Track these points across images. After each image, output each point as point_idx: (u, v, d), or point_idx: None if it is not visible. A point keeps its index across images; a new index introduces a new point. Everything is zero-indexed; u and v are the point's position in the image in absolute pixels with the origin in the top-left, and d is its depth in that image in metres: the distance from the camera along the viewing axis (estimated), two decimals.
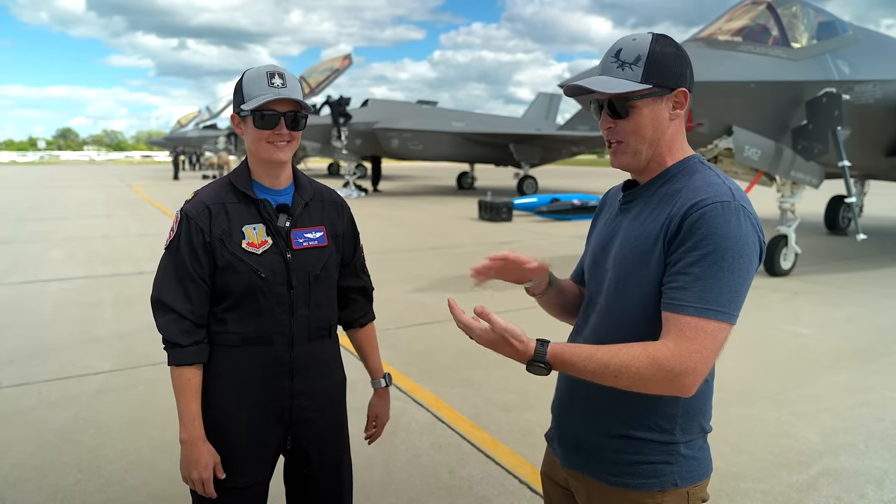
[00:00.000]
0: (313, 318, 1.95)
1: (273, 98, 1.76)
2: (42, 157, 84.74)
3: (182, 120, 51.86)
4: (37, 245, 11.33)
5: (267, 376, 1.90)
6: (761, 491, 3.30)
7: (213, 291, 1.88)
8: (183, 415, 1.85)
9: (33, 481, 3.37)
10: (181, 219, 1.86)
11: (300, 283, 1.90)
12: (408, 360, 5.27)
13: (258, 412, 1.91)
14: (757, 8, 8.28)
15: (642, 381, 1.34)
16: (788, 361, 5.35)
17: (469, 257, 10.18)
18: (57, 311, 6.86)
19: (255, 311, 1.86)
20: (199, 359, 1.86)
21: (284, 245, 1.88)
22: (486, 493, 3.26)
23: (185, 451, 1.86)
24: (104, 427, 4.01)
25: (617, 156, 1.53)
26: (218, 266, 1.84)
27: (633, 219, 1.53)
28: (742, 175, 8.81)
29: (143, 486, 3.33)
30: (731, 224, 1.35)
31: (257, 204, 1.88)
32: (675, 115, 1.49)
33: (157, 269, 1.89)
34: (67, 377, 4.84)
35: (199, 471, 1.84)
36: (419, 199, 22.38)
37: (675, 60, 1.46)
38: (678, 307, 1.36)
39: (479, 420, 4.11)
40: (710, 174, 1.47)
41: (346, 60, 22.58)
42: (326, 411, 2.04)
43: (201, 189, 1.93)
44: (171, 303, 1.83)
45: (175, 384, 1.85)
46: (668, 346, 1.34)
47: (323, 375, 2.02)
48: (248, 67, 1.88)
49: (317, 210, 1.99)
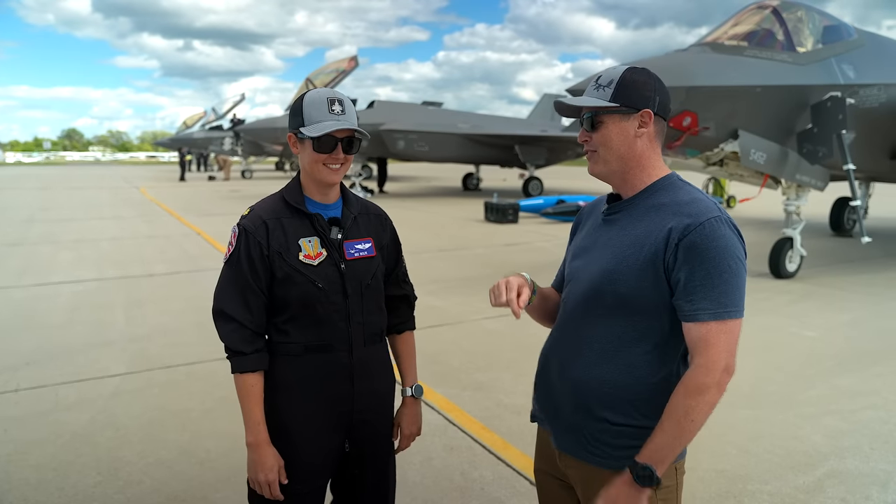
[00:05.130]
0: (367, 325, 2.06)
1: (335, 128, 1.88)
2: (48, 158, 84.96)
3: (188, 121, 51.90)
4: (47, 247, 11.43)
5: (330, 382, 2.00)
6: (768, 493, 3.36)
7: (271, 303, 1.97)
8: (248, 419, 1.95)
9: (54, 483, 3.44)
10: (239, 233, 1.96)
11: (354, 291, 2.01)
12: (419, 363, 5.27)
13: (323, 417, 2.00)
14: (762, 12, 8.32)
15: (705, 407, 1.55)
16: (794, 364, 5.40)
17: (476, 259, 10.26)
18: (70, 313, 6.95)
19: (315, 320, 1.96)
20: (260, 366, 1.96)
21: (338, 256, 1.99)
22: (499, 495, 3.33)
23: (251, 455, 1.95)
24: (121, 429, 4.09)
25: (591, 163, 1.77)
26: (276, 278, 1.94)
27: (620, 230, 1.72)
28: (748, 178, 8.86)
29: (163, 488, 3.40)
30: (726, 236, 1.58)
31: (311, 218, 1.98)
32: (640, 134, 1.69)
33: (218, 282, 1.99)
34: (83, 379, 4.93)
35: (265, 473, 1.93)
36: (425, 201, 22.44)
37: (644, 86, 1.68)
38: (699, 315, 1.56)
39: (490, 422, 4.18)
40: (694, 190, 1.69)
41: (352, 62, 22.61)
42: (382, 411, 2.15)
43: (256, 204, 2.04)
44: (232, 313, 1.92)
45: (239, 391, 1.95)
46: (696, 364, 1.56)
47: (379, 378, 2.12)
48: (308, 90, 1.99)
49: (364, 223, 2.10)
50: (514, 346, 5.74)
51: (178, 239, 12.46)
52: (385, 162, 26.74)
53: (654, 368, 1.65)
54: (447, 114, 27.29)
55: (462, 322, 6.63)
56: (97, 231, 13.59)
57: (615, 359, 1.67)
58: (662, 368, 1.65)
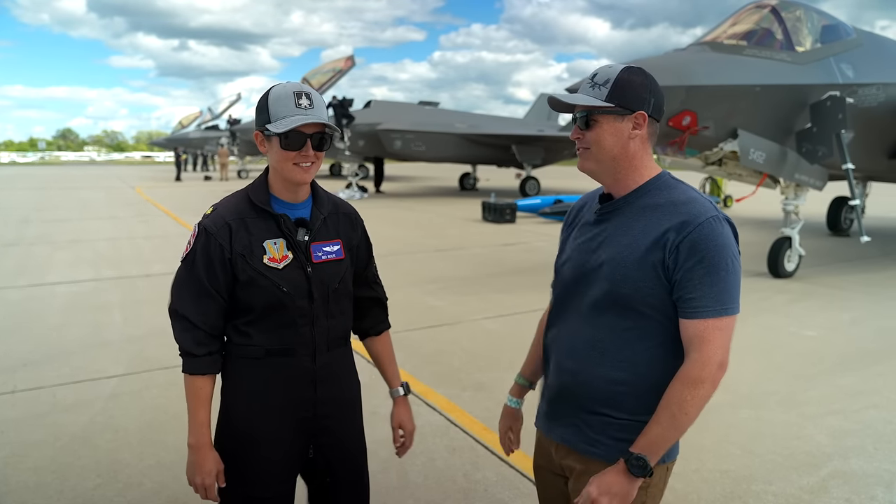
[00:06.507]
0: (332, 329, 1.99)
1: (302, 122, 1.78)
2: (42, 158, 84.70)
3: (183, 121, 51.86)
4: (42, 247, 11.37)
5: (291, 387, 1.94)
6: (772, 493, 3.34)
7: (233, 305, 1.91)
8: (192, 420, 1.90)
9: (53, 486, 3.41)
10: (199, 233, 1.89)
11: (320, 295, 1.94)
12: (419, 363, 5.31)
13: (282, 423, 1.95)
14: (761, 12, 8.32)
15: (698, 401, 1.59)
16: (795, 363, 5.39)
17: (474, 259, 10.24)
18: (66, 314, 6.91)
19: (278, 323, 1.90)
20: (211, 369, 1.91)
21: (304, 259, 1.92)
22: (502, 497, 3.31)
23: (191, 457, 1.92)
24: (120, 431, 4.05)
25: (582, 160, 1.76)
26: (239, 281, 1.88)
27: (615, 229, 1.72)
28: (746, 178, 8.85)
29: (163, 490, 3.37)
30: (723, 234, 1.60)
31: (277, 219, 1.90)
32: (634, 135, 1.68)
33: (174, 280, 1.94)
34: (81, 381, 4.89)
35: (202, 476, 1.90)
36: (422, 201, 22.41)
37: (640, 87, 1.67)
38: (700, 313, 1.59)
39: (492, 423, 4.14)
40: (688, 189, 1.69)
41: (348, 62, 22.56)
42: (346, 418, 2.09)
43: (219, 203, 1.96)
44: (185, 313, 1.87)
45: (187, 391, 1.91)
46: (692, 359, 1.60)
47: (342, 383, 2.07)
48: (275, 84, 1.89)
49: (333, 223, 2.02)
50: (515, 346, 5.70)
51: (174, 239, 12.41)
52: (382, 162, 26.70)
53: (658, 366, 1.66)
54: (444, 114, 27.30)
55: (461, 322, 6.61)
56: (93, 231, 13.53)
57: (618, 356, 1.68)
58: (664, 365, 1.65)
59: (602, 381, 1.69)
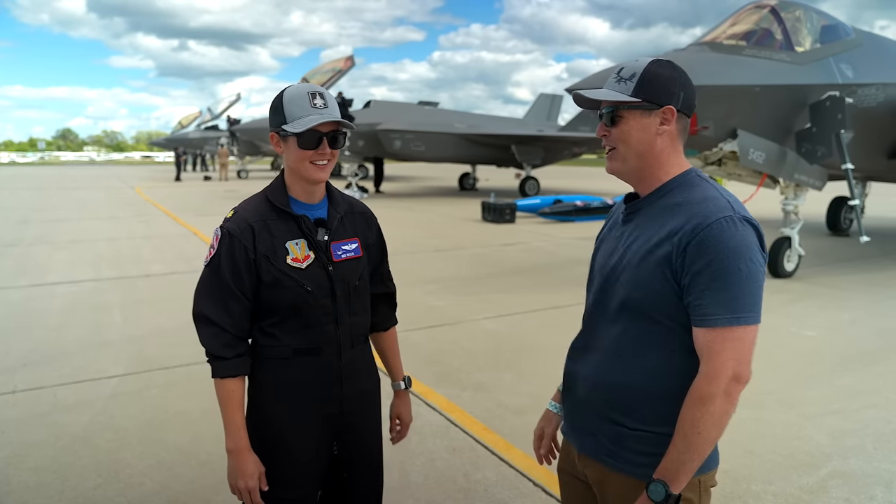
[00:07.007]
0: (355, 326, 2.04)
1: (320, 121, 1.82)
2: (42, 158, 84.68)
3: (183, 121, 51.86)
4: (42, 247, 11.37)
5: (318, 385, 1.97)
6: (772, 493, 3.35)
7: (257, 306, 1.93)
8: (228, 425, 1.90)
9: (54, 486, 3.41)
10: (222, 236, 1.91)
11: (342, 293, 1.98)
12: (419, 363, 5.31)
13: (312, 421, 1.97)
14: (761, 12, 8.32)
15: (711, 418, 1.48)
16: (794, 363, 5.39)
17: (474, 259, 10.24)
18: (66, 314, 6.91)
19: (304, 323, 1.93)
20: (241, 371, 1.92)
21: (326, 258, 1.95)
22: (502, 497, 3.31)
23: (231, 461, 1.92)
24: (121, 431, 4.05)
25: (609, 161, 1.69)
26: (263, 282, 1.90)
27: (635, 230, 1.66)
28: (746, 178, 8.86)
29: (164, 491, 3.37)
30: (738, 236, 1.48)
31: (297, 220, 1.93)
32: (661, 131, 1.61)
33: (198, 284, 1.95)
34: (81, 381, 4.89)
35: (245, 480, 1.89)
36: (422, 201, 22.41)
37: (668, 81, 1.60)
38: (709, 321, 1.49)
39: (492, 423, 4.16)
40: (709, 188, 1.60)
41: (348, 62, 22.55)
42: (368, 412, 2.13)
43: (240, 206, 1.98)
44: (212, 317, 1.89)
45: (219, 396, 1.91)
46: (700, 373, 1.51)
47: (365, 379, 2.11)
48: (289, 85, 1.92)
49: (350, 223, 2.06)
50: (515, 346, 5.71)
51: (174, 239, 12.41)
52: (381, 162, 26.71)
53: (671, 374, 1.59)
54: (444, 114, 27.30)
55: (461, 322, 6.61)
56: (93, 231, 13.52)
57: (631, 362, 1.63)
58: (679, 375, 1.57)
59: (614, 387, 1.65)
